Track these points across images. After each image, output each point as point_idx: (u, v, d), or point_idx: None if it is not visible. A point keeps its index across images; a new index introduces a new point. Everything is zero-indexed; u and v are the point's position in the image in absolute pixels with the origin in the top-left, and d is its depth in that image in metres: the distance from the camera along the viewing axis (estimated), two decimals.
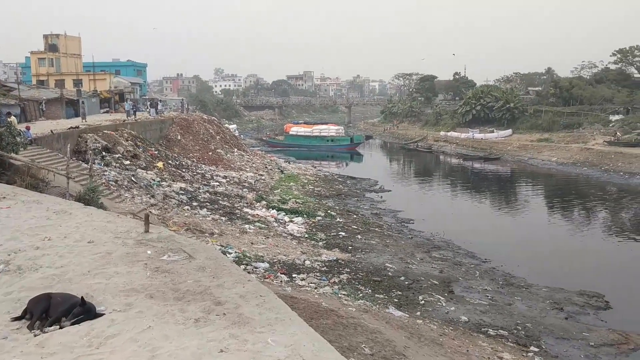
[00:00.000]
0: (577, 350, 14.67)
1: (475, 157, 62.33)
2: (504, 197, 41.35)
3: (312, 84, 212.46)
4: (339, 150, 69.45)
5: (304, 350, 4.35)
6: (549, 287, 19.58)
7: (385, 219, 30.34)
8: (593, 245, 27.11)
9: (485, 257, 23.49)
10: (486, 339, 14.45)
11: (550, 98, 75.98)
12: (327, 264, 19.47)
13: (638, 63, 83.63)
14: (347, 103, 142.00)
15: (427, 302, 17.02)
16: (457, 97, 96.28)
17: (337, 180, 44.32)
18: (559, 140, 61.40)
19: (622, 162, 48.53)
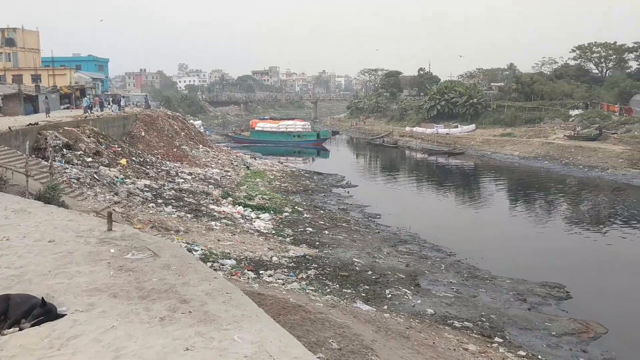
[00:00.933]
0: (539, 340, 15.02)
1: (440, 152, 63.15)
2: (468, 191, 42.00)
3: (277, 79, 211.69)
4: (306, 146, 69.41)
5: (271, 347, 4.33)
6: (512, 279, 19.98)
7: (352, 214, 30.47)
8: (554, 237, 27.78)
9: (451, 250, 23.82)
10: (452, 331, 14.66)
11: (512, 93, 77.41)
12: (295, 260, 19.45)
13: (596, 59, 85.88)
14: (313, 99, 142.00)
15: (394, 296, 17.17)
16: (422, 92, 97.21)
17: (304, 176, 44.30)
18: (521, 135, 62.63)
19: (582, 156, 49.82)
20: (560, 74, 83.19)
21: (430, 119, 77.82)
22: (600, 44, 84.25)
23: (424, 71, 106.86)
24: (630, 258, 23.99)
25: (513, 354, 13.53)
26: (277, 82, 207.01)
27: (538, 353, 14.08)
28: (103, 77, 73.08)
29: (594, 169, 46.28)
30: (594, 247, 25.82)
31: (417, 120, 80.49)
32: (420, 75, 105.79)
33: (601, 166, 46.39)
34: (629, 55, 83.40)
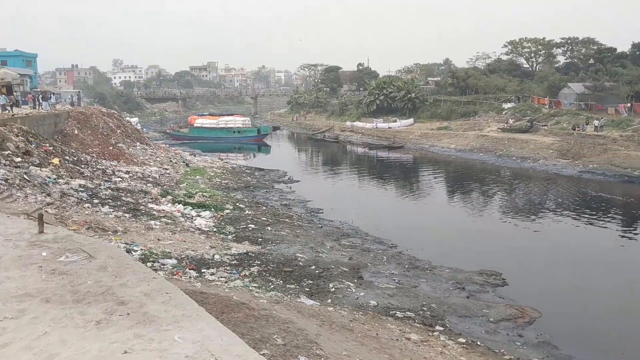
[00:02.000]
0: (478, 327, 15.48)
1: (380, 146, 64.06)
2: (408, 184, 42.80)
3: (216, 74, 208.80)
4: (246, 141, 68.86)
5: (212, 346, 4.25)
6: (451, 268, 20.50)
7: (294, 210, 30.45)
8: (490, 226, 28.72)
9: (392, 242, 24.19)
10: (394, 322, 14.90)
11: (448, 88, 79.42)
12: (237, 257, 19.25)
13: (527, 54, 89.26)
14: (253, 94, 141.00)
15: (338, 289, 17.27)
16: (361, 87, 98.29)
17: (245, 172, 43.94)
18: (457, 128, 64.37)
19: (515, 148, 51.70)
20: (494, 69, 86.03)
21: (370, 114, 78.78)
22: (530, 39, 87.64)
23: (363, 66, 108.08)
24: (561, 244, 25.08)
25: (453, 342, 13.88)
26: (216, 78, 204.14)
27: (477, 339, 14.51)
28: (31, 73, 69.85)
29: (527, 160, 48.12)
30: (528, 235, 26.85)
31: (357, 115, 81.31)
32: (360, 71, 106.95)
33: (533, 157, 48.30)
34: (557, 50, 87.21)
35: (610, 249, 24.49)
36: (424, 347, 12.92)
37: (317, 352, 10.28)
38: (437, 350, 12.79)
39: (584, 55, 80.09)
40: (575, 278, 20.45)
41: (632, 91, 58.54)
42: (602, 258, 23.05)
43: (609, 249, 24.49)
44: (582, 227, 28.00)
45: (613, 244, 25.25)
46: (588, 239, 26.07)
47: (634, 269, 21.72)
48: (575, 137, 49.88)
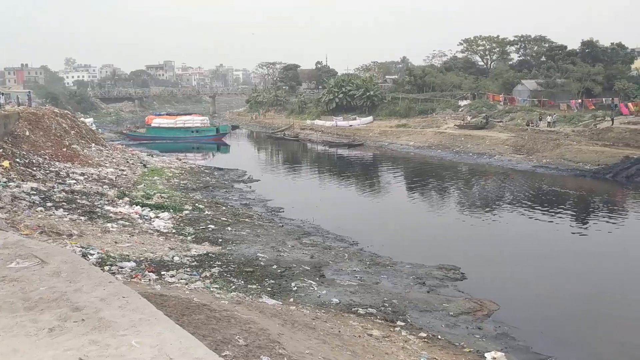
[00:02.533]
0: (438, 321, 15.70)
1: (340, 144, 64.33)
2: (368, 181, 43.11)
3: (173, 73, 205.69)
4: (205, 141, 68.10)
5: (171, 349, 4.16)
6: (412, 264, 20.74)
7: (255, 209, 30.28)
8: (449, 221, 29.20)
9: (353, 239, 24.32)
10: (356, 318, 14.97)
11: (406, 85, 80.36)
12: (198, 259, 19.01)
13: (481, 52, 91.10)
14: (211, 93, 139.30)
15: (300, 288, 17.25)
16: (320, 85, 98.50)
17: (204, 172, 43.45)
18: (415, 126, 65.18)
19: (471, 144, 52.70)
20: (450, 66, 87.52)
21: (329, 112, 79.03)
22: (484, 37, 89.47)
23: (321, 64, 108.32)
24: (517, 237, 25.71)
25: (415, 336, 14.04)
26: (173, 77, 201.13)
27: (438, 333, 14.71)
28: None
29: (483, 156, 49.12)
30: (485, 229, 27.41)
31: (317, 113, 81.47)
32: (318, 69, 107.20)
33: (489, 153, 49.34)
34: (510, 48, 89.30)
35: (564, 240, 25.23)
36: (386, 342, 13.03)
37: (280, 352, 10.24)
38: (399, 346, 12.92)
39: (536, 52, 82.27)
40: (531, 270, 20.98)
41: (582, 87, 60.49)
42: (557, 249, 23.71)
43: (563, 240, 25.23)
44: (537, 220, 28.73)
45: (567, 236, 26.03)
46: (543, 232, 26.77)
47: (587, 259, 22.40)
48: (529, 133, 51.18)
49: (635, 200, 34.05)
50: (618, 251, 23.46)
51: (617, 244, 24.69)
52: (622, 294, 18.46)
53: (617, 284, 19.45)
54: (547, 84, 64.24)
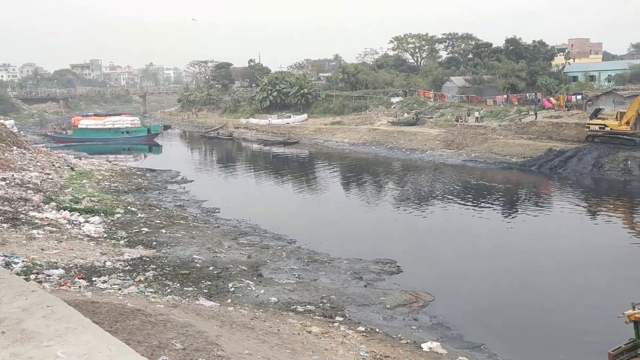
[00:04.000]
0: (376, 314, 15.95)
1: (275, 142, 64.19)
2: (304, 179, 43.20)
3: (100, 73, 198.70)
4: (136, 142, 66.24)
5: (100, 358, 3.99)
6: (349, 259, 20.95)
7: (190, 210, 29.75)
8: (384, 216, 29.70)
9: (291, 238, 24.32)
10: (295, 316, 14.97)
11: (339, 83, 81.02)
12: (131, 263, 18.47)
13: (411, 49, 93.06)
14: (141, 92, 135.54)
15: (237, 289, 17.09)
16: (254, 84, 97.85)
17: (136, 174, 42.25)
18: (349, 123, 65.88)
19: (404, 140, 53.79)
20: (381, 64, 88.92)
21: (263, 110, 78.65)
22: (414, 35, 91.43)
23: (254, 62, 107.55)
24: (449, 229, 26.47)
25: (353, 331, 14.19)
26: (100, 76, 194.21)
27: (376, 326, 14.93)
28: None
29: (415, 152, 50.25)
30: (419, 223, 28.07)
31: (251, 112, 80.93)
32: (251, 67, 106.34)
33: (421, 148, 50.53)
34: (439, 45, 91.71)
35: (494, 231, 26.20)
36: (325, 338, 13.09)
37: (218, 354, 10.10)
38: (338, 341, 13.01)
39: (463, 50, 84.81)
40: (464, 261, 21.66)
41: (507, 83, 62.90)
42: (487, 241, 24.60)
43: (493, 231, 26.19)
44: (468, 213, 29.68)
45: (496, 227, 27.03)
46: (474, 224, 27.67)
47: (515, 249, 23.35)
48: (459, 128, 52.79)
49: (559, 191, 35.79)
50: (543, 241, 24.57)
51: (543, 233, 25.86)
52: (546, 281, 19.36)
53: (542, 272, 20.37)
54: (474, 81, 66.41)
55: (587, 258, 21.86)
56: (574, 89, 57.87)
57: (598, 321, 14.78)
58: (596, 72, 69.11)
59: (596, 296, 17.55)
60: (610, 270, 20.32)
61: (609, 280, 19.17)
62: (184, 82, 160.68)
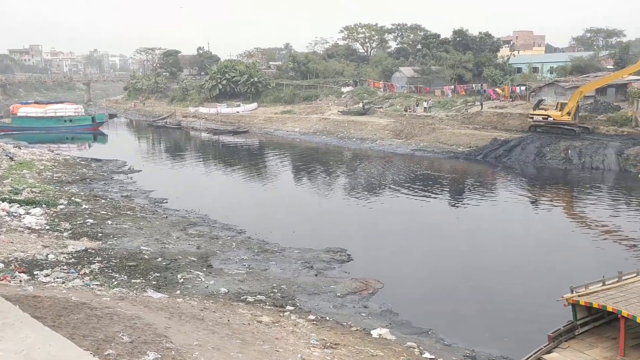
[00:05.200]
0: (326, 303, 16.09)
1: (225, 131, 63.47)
2: (254, 169, 42.94)
3: (41, 59, 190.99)
4: (80, 131, 64.20)
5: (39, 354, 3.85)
6: (300, 249, 21.01)
7: (137, 201, 29.14)
8: (335, 205, 29.89)
9: (241, 228, 24.19)
10: (246, 306, 14.93)
11: (289, 72, 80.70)
12: (75, 255, 17.97)
13: (361, 39, 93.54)
14: (85, 80, 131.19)
15: (187, 280, 16.90)
16: (203, 72, 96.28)
17: (80, 163, 41.00)
18: (300, 112, 65.77)
19: (354, 129, 54.14)
20: (332, 53, 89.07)
21: (212, 99, 77.60)
22: (364, 25, 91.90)
23: (203, 50, 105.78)
24: (398, 217, 26.89)
25: (304, 319, 14.27)
26: (40, 62, 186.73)
27: (326, 315, 15.07)
28: None
29: (366, 141, 50.68)
30: (369, 211, 28.37)
31: (200, 100, 79.72)
32: (200, 55, 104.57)
33: (371, 138, 50.98)
34: (388, 35, 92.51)
35: (441, 219, 26.77)
36: (276, 328, 13.11)
37: (167, 346, 9.97)
38: (289, 330, 13.05)
39: (412, 40, 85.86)
40: (412, 248, 22.07)
41: (455, 74, 64.13)
42: (435, 228, 25.12)
43: (440, 219, 26.76)
44: (417, 201, 30.22)
45: (443, 215, 27.63)
46: (422, 211, 28.21)
47: (462, 236, 23.94)
48: (407, 118, 53.50)
49: (503, 180, 36.85)
50: (488, 228, 25.30)
51: (488, 221, 26.63)
52: (491, 267, 19.97)
53: (487, 258, 21.01)
54: (422, 71, 67.37)
55: (529, 244, 22.65)
56: (518, 80, 59.55)
57: (539, 304, 15.34)
58: (539, 64, 71.36)
59: (538, 280, 18.20)
60: (551, 256, 21.13)
61: (551, 265, 19.93)
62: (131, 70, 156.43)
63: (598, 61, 62.76)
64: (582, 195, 31.25)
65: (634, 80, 47.61)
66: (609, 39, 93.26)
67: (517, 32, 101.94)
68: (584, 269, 17.55)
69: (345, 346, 12.42)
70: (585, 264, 19.21)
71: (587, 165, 37.18)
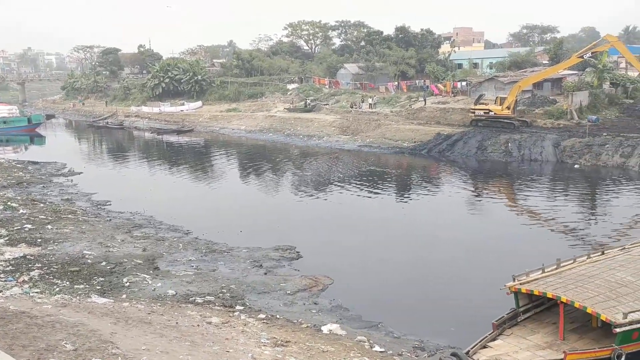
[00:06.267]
0: (277, 301, 16.06)
1: (169, 131, 62.40)
2: (200, 168, 42.33)
3: None
4: (15, 132, 61.61)
5: None
6: (248, 248, 20.88)
7: (79, 204, 28.24)
8: (283, 202, 29.85)
9: (188, 228, 23.82)
10: (194, 308, 14.73)
11: (234, 70, 79.97)
12: (13, 262, 17.28)
13: (306, 36, 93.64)
14: (19, 79, 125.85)
15: (133, 283, 16.53)
16: (145, 70, 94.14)
17: (16, 167, 39.35)
18: (245, 110, 65.30)
19: (301, 126, 54.20)
20: (276, 50, 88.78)
21: (155, 97, 76.09)
22: (308, 22, 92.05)
23: (144, 48, 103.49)
24: (347, 213, 27.09)
25: (254, 319, 14.19)
26: None
27: (276, 313, 15.04)
28: None
29: (312, 138, 50.82)
30: (318, 207, 28.48)
31: (142, 99, 78.04)
32: (141, 53, 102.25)
33: (318, 135, 51.18)
34: (332, 32, 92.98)
35: (387, 213, 27.13)
36: (226, 328, 12.99)
37: (113, 352, 9.72)
38: (239, 330, 12.96)
39: (356, 37, 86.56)
40: (360, 243, 22.27)
41: (398, 70, 65.14)
42: (382, 222, 25.43)
43: (386, 213, 27.12)
44: (363, 197, 30.53)
45: (390, 209, 28.02)
46: (369, 206, 28.53)
47: (408, 230, 24.36)
48: (354, 115, 53.99)
49: (447, 173, 37.71)
50: (434, 221, 25.83)
51: (433, 214, 27.19)
52: (436, 259, 20.38)
53: (432, 250, 21.43)
54: (367, 68, 68.09)
55: (474, 235, 23.25)
56: (460, 75, 61.08)
57: (485, 293, 15.77)
58: (479, 60, 73.41)
59: (483, 270, 18.70)
60: (495, 245, 21.79)
61: (495, 254, 20.55)
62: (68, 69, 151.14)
63: (534, 56, 65.11)
64: (523, 187, 32.35)
65: (568, 74, 49.68)
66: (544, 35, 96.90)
67: (457, 29, 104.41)
68: (525, 257, 18.14)
69: (296, 343, 12.43)
70: (526, 253, 19.87)
71: (526, 157, 38.52)
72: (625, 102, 45.16)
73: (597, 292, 12.19)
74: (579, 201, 28.75)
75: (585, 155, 36.74)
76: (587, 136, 38.31)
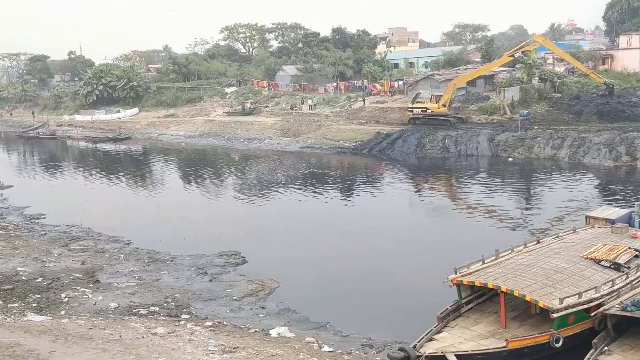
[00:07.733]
0: (223, 307, 15.86)
1: (105, 139, 60.61)
2: (138, 176, 41.29)
3: None
4: None
5: None
6: (192, 255, 20.52)
7: (10, 219, 27.03)
8: (226, 207, 29.54)
9: (128, 239, 23.22)
10: (138, 319, 14.35)
11: (170, 74, 78.60)
12: None
13: (243, 39, 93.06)
14: None
15: (72, 298, 15.94)
16: (77, 77, 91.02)
17: None
18: (184, 115, 64.25)
19: (241, 130, 53.79)
20: (213, 54, 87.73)
21: (89, 105, 73.76)
22: (244, 24, 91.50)
23: (75, 54, 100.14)
24: (291, 215, 27.08)
25: (200, 327, 13.96)
26: None
27: (223, 319, 14.85)
28: None
29: (254, 141, 50.54)
30: (261, 211, 28.28)
31: (75, 108, 75.55)
32: (72, 59, 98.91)
33: (259, 137, 50.95)
34: (269, 35, 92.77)
35: (331, 213, 27.27)
36: (172, 338, 12.72)
37: None
38: (185, 339, 12.71)
39: (293, 39, 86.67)
40: (305, 245, 22.27)
41: (336, 71, 65.69)
42: (325, 223, 25.52)
43: (330, 214, 27.25)
44: (307, 198, 30.60)
45: (333, 209, 28.17)
46: (313, 207, 28.60)
47: (352, 229, 24.51)
48: (294, 116, 54.03)
49: (388, 171, 38.27)
50: (376, 219, 26.12)
51: (375, 212, 27.52)
52: (381, 256, 20.61)
53: (376, 248, 21.66)
54: (305, 69, 68.31)
55: (415, 231, 23.72)
56: (396, 75, 62.20)
57: (429, 287, 16.07)
58: (414, 59, 74.95)
59: (427, 264, 19.01)
60: (436, 240, 22.26)
61: (437, 248, 20.97)
62: None
63: (467, 54, 67.14)
64: (461, 181, 33.25)
65: (500, 71, 51.44)
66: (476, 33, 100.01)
67: (392, 29, 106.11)
68: (466, 249, 18.58)
69: (244, 349, 12.30)
70: (466, 245, 20.36)
71: (463, 152, 39.62)
72: (554, 96, 47.14)
73: (534, 280, 12.66)
74: (514, 193, 29.80)
75: (518, 149, 38.12)
76: (519, 130, 39.78)
